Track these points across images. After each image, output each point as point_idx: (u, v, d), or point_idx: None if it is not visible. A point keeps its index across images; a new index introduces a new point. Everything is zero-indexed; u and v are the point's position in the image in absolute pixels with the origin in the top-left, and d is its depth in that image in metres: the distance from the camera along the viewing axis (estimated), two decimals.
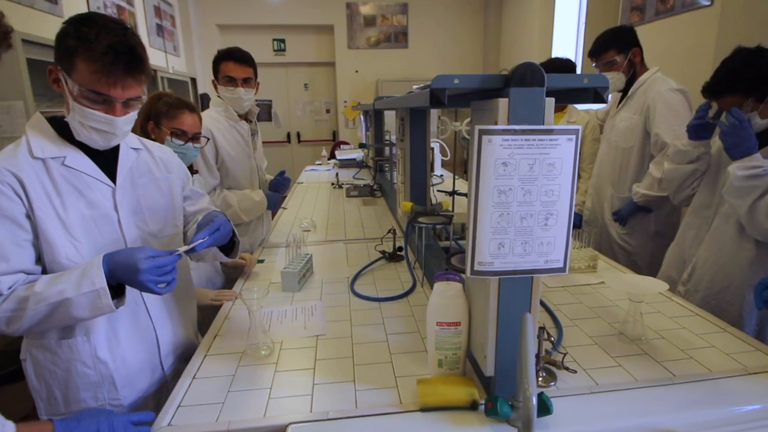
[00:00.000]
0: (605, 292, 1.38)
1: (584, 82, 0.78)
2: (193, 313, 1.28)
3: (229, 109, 1.86)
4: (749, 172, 1.27)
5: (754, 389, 0.91)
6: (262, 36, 6.44)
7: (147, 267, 0.87)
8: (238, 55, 1.83)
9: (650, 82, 1.93)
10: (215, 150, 1.82)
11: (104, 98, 0.92)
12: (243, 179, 1.92)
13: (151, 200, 1.09)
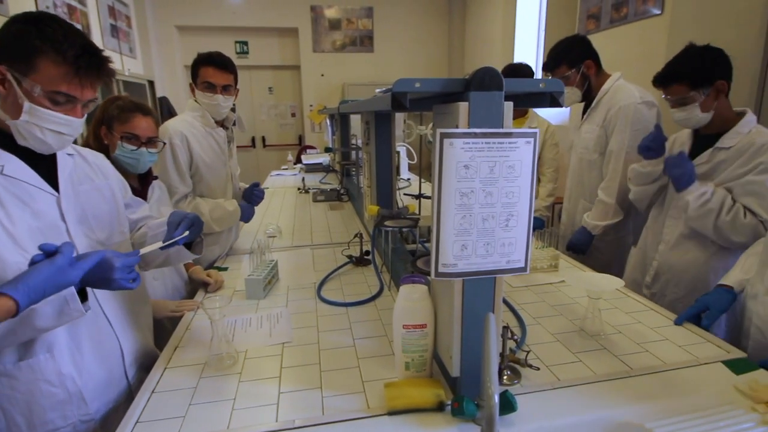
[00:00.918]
0: (566, 290, 1.43)
1: (540, 86, 0.80)
2: (149, 319, 1.24)
3: (206, 115, 1.80)
4: (701, 200, 1.39)
5: (704, 379, 0.96)
6: (223, 38, 6.31)
7: (120, 264, 0.87)
8: (219, 61, 1.76)
9: (613, 91, 1.87)
10: (189, 156, 1.75)
11: (68, 99, 0.89)
12: (217, 187, 1.86)
13: (95, 208, 1.05)
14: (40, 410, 0.94)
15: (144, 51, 5.57)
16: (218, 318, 1.01)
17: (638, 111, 1.76)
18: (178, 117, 1.82)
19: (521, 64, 2.57)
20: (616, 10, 3.32)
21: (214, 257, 1.84)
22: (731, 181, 1.41)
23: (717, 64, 1.42)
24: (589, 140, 1.94)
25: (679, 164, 1.38)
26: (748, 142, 1.38)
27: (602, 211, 1.91)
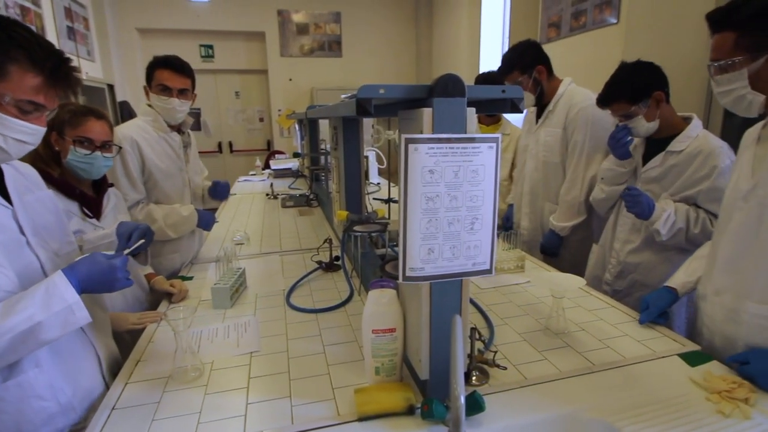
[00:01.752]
0: (532, 290, 1.46)
1: (501, 93, 0.82)
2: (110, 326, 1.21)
3: (158, 119, 1.74)
4: (669, 224, 1.45)
5: (662, 371, 1.00)
6: (187, 41, 6.17)
7: (120, 264, 0.91)
8: (176, 64, 1.71)
9: (569, 94, 1.94)
10: (141, 162, 1.69)
11: (36, 108, 0.86)
12: (173, 193, 1.81)
13: (44, 219, 1.01)
14: (31, 428, 0.91)
15: (103, 54, 5.37)
16: (182, 329, 0.98)
17: (596, 113, 1.83)
18: (130, 122, 1.77)
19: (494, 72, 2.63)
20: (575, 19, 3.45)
21: (175, 266, 1.79)
22: (692, 186, 1.48)
23: (650, 78, 1.50)
24: (552, 143, 1.98)
25: (635, 202, 1.44)
26: (697, 147, 1.46)
27: (568, 211, 1.96)
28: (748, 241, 1.04)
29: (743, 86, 0.99)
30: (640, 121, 1.51)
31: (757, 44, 0.96)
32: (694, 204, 1.48)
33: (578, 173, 1.92)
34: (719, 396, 0.90)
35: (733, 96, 1.01)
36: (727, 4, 1.02)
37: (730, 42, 0.99)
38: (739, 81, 0.99)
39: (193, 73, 1.78)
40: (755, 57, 0.96)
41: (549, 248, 2.03)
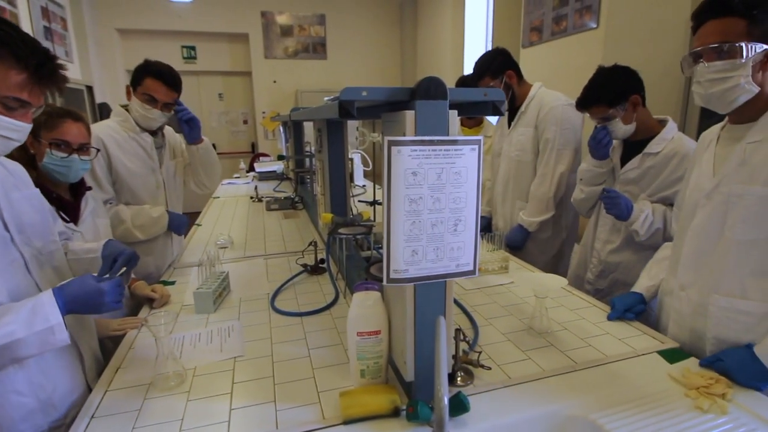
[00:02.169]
0: (516, 290, 1.48)
1: (483, 96, 0.83)
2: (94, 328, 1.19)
3: (129, 120, 1.71)
4: (647, 225, 1.49)
5: (642, 369, 1.02)
6: (169, 42, 6.09)
7: (110, 288, 0.91)
8: (169, 78, 1.67)
9: (540, 96, 2.02)
10: (108, 162, 1.66)
11: (21, 105, 0.87)
12: (144, 194, 1.77)
13: (29, 217, 1.01)
14: (9, 422, 0.91)
15: (82, 55, 5.26)
16: (163, 335, 0.97)
17: (566, 111, 1.93)
18: (101, 122, 1.75)
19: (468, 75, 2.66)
20: (556, 23, 3.51)
21: (149, 270, 1.77)
22: (668, 186, 1.52)
23: (627, 81, 1.54)
24: (524, 142, 2.06)
25: (613, 204, 1.47)
26: (673, 149, 1.50)
27: (537, 206, 2.01)
28: (713, 236, 1.07)
29: (744, 75, 0.97)
30: (618, 123, 1.54)
31: (765, 36, 0.95)
32: (670, 204, 1.51)
33: (548, 169, 1.98)
34: (697, 392, 0.92)
35: (728, 84, 0.99)
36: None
37: (740, 28, 0.96)
38: (741, 69, 0.97)
39: (182, 87, 1.75)
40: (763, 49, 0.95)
41: (514, 243, 2.07)
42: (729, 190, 1.04)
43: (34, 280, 0.96)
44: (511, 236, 2.07)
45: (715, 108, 1.06)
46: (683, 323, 1.16)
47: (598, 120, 1.57)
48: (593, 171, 1.69)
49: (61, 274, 1.07)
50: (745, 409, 0.87)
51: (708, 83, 1.03)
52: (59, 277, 1.05)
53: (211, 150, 1.96)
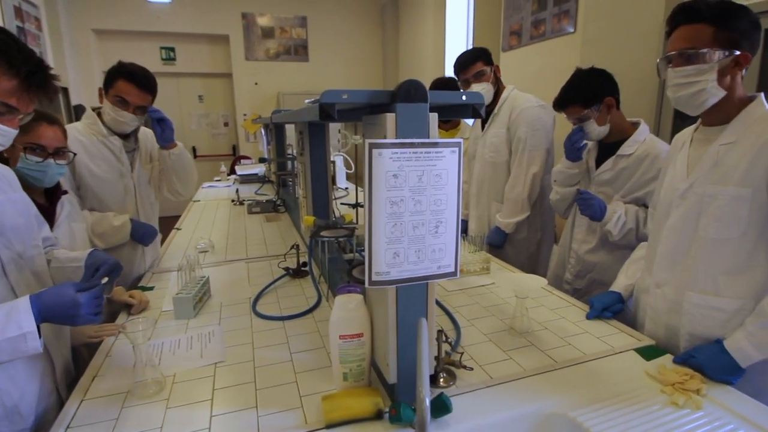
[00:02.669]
0: (497, 291, 1.50)
1: (463, 98, 0.84)
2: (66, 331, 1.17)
3: (97, 123, 1.65)
4: (620, 225, 1.52)
5: (619, 366, 1.05)
6: (147, 43, 5.99)
7: (86, 300, 0.88)
8: (141, 80, 1.60)
9: (512, 98, 2.06)
10: (71, 166, 1.59)
11: (9, 110, 0.87)
12: (110, 200, 1.71)
13: (12, 220, 0.99)
14: None
15: (57, 56, 5.12)
16: (141, 341, 0.95)
17: (537, 112, 1.98)
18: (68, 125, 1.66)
19: (448, 77, 2.69)
20: (535, 27, 3.57)
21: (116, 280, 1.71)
22: (641, 187, 1.55)
23: (602, 84, 1.58)
24: (498, 143, 2.09)
25: (587, 205, 1.51)
26: (645, 150, 1.54)
27: (512, 207, 2.05)
28: (688, 235, 1.10)
29: (711, 79, 1.01)
30: (592, 124, 1.58)
31: (731, 41, 1.00)
32: (643, 205, 1.56)
33: (521, 170, 2.01)
34: (673, 388, 0.94)
35: (694, 89, 1.03)
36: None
37: (707, 34, 1.01)
38: (708, 74, 1.01)
39: (156, 89, 1.68)
40: (729, 54, 1.00)
41: (493, 245, 2.10)
42: (702, 190, 1.07)
43: (10, 284, 0.94)
44: (490, 238, 2.10)
45: (685, 110, 1.10)
46: (659, 320, 1.19)
47: (573, 120, 1.61)
48: (566, 172, 1.73)
49: (42, 281, 1.05)
50: (719, 404, 0.90)
51: (676, 87, 1.07)
52: (39, 283, 1.03)
53: (185, 155, 1.88)
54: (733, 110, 1.05)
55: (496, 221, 2.11)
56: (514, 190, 2.03)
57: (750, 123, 1.03)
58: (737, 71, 1.03)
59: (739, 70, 1.03)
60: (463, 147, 2.59)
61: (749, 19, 1.01)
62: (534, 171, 2.00)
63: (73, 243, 1.36)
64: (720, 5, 1.01)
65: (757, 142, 0.99)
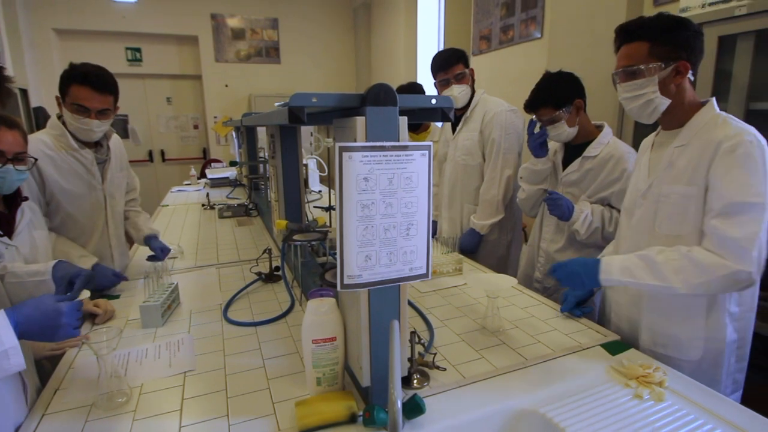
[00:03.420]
0: (470, 291, 1.52)
1: (432, 102, 0.85)
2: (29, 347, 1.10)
3: (65, 136, 1.54)
4: (586, 224, 1.57)
5: (587, 362, 1.08)
6: (112, 44, 5.80)
7: (68, 310, 0.85)
8: (96, 81, 1.47)
9: (483, 101, 2.10)
10: (41, 182, 1.50)
11: None
12: (80, 215, 1.62)
13: None
14: None
15: (15, 56, 4.90)
16: (106, 352, 0.91)
17: (509, 116, 2.03)
18: (31, 136, 1.53)
19: (411, 83, 2.73)
20: (503, 32, 3.65)
21: None
22: (605, 188, 1.61)
23: (572, 86, 1.64)
24: (470, 146, 2.11)
25: (556, 206, 1.56)
26: (609, 152, 1.60)
27: (488, 210, 2.08)
28: (646, 232, 1.17)
29: (653, 91, 1.10)
30: (563, 126, 1.62)
31: (668, 54, 1.08)
32: (608, 204, 1.61)
33: (496, 173, 2.05)
34: (637, 381, 0.98)
35: (642, 100, 1.13)
36: (638, 18, 1.14)
37: (644, 51, 1.10)
38: (649, 86, 1.10)
39: (117, 87, 1.57)
40: (666, 65, 1.08)
41: (468, 247, 2.12)
42: (659, 190, 1.14)
43: None
44: (464, 240, 2.12)
45: (640, 119, 1.19)
46: (621, 313, 1.26)
47: (544, 122, 1.65)
48: (530, 169, 1.79)
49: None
50: (680, 395, 0.94)
51: (626, 100, 1.16)
52: None
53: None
54: (686, 115, 1.12)
55: (471, 223, 2.13)
56: (490, 192, 2.06)
57: (699, 127, 1.10)
58: (680, 79, 1.10)
59: (681, 78, 1.10)
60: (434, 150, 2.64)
61: (687, 31, 1.09)
62: (508, 173, 2.04)
63: (34, 252, 1.30)
64: (656, 22, 1.10)
65: (702, 144, 1.06)
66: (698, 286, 1.01)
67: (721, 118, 1.07)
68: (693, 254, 1.02)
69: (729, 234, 0.99)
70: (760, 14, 1.69)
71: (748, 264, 0.98)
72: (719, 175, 1.02)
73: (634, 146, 1.65)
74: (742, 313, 1.13)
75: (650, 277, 1.05)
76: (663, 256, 1.05)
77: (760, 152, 0.99)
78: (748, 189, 0.99)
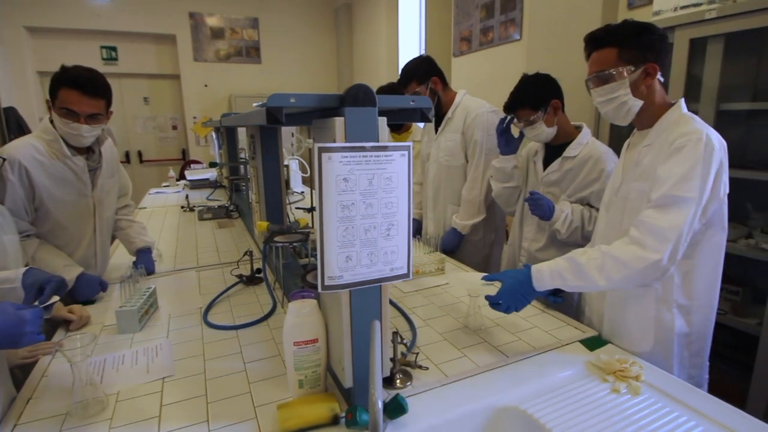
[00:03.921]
0: (452, 290, 1.53)
1: (411, 103, 0.86)
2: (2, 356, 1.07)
3: (58, 142, 1.49)
4: (567, 223, 1.59)
5: (566, 357, 1.10)
6: (86, 42, 5.66)
7: (31, 318, 0.84)
8: (87, 85, 1.42)
9: (465, 103, 2.10)
10: (30, 191, 1.45)
11: None
12: (69, 222, 1.58)
13: None
14: None
15: None
16: (80, 359, 0.89)
17: (491, 118, 2.04)
18: (22, 140, 1.50)
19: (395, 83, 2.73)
20: (484, 34, 3.68)
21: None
22: (585, 187, 1.64)
23: (548, 87, 1.67)
24: (452, 147, 2.13)
25: (537, 206, 1.58)
26: (588, 152, 1.64)
27: (469, 210, 2.09)
28: (616, 228, 1.21)
29: (625, 93, 1.15)
30: (541, 126, 1.65)
31: (636, 57, 1.13)
32: (587, 204, 1.64)
33: (478, 174, 2.07)
34: (614, 376, 1.00)
35: (616, 103, 1.17)
36: (605, 26, 1.19)
37: (613, 56, 1.15)
38: (621, 89, 1.15)
39: (109, 91, 1.51)
40: (636, 68, 1.13)
41: (449, 246, 2.13)
42: (627, 188, 1.19)
43: None
44: (446, 240, 2.13)
45: (615, 122, 1.22)
46: (593, 307, 1.30)
47: (523, 122, 1.68)
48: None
49: None
50: (656, 389, 0.96)
51: (600, 104, 1.20)
52: None
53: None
54: (656, 115, 1.17)
55: (452, 223, 2.14)
56: (472, 192, 2.07)
57: (665, 126, 1.14)
58: (650, 80, 1.14)
59: (651, 79, 1.15)
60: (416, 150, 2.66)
61: (652, 35, 1.13)
62: (490, 174, 2.05)
63: (4, 257, 1.25)
64: (622, 28, 1.15)
65: (662, 143, 1.10)
66: (620, 281, 1.05)
67: (684, 119, 1.11)
68: (612, 251, 1.06)
69: (656, 223, 1.03)
70: (729, 18, 1.75)
71: (663, 251, 1.01)
72: (663, 170, 1.06)
73: (611, 146, 1.69)
74: (696, 307, 1.15)
75: (577, 279, 1.09)
76: (585, 256, 1.09)
77: (705, 152, 1.02)
78: (685, 184, 1.02)
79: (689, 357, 1.19)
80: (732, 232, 1.76)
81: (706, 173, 1.02)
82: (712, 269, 1.14)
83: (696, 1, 1.89)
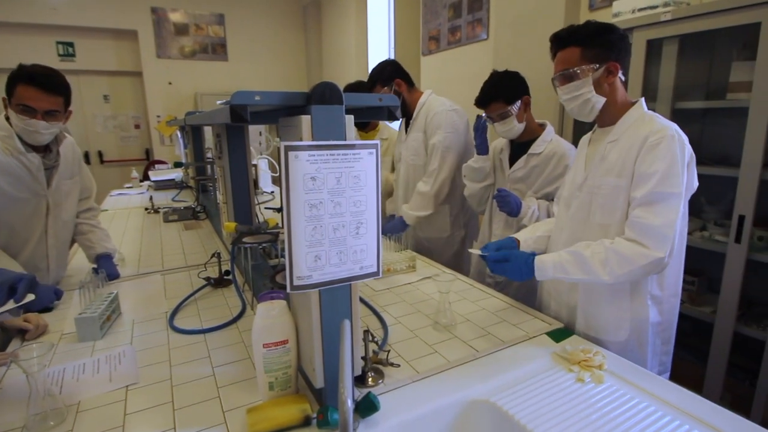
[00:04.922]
0: (423, 288, 1.54)
1: (378, 101, 0.86)
2: None
3: (12, 138, 1.45)
4: (533, 221, 1.63)
5: (534, 350, 1.13)
6: (41, 37, 5.38)
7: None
8: (44, 81, 1.41)
9: (429, 103, 2.13)
10: None
11: None
12: (18, 222, 1.52)
13: None
14: None
15: None
16: (37, 370, 0.85)
17: (450, 116, 2.07)
18: None
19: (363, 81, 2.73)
20: (452, 33, 3.73)
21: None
22: (550, 183, 1.69)
23: (519, 83, 1.72)
24: (416, 146, 2.16)
25: (505, 202, 1.62)
26: (552, 149, 1.69)
27: (420, 202, 2.11)
28: (582, 222, 1.25)
29: (589, 91, 1.19)
30: (513, 121, 1.69)
31: (598, 56, 1.17)
32: (552, 199, 1.69)
33: (433, 169, 2.09)
34: (579, 366, 1.03)
35: (580, 101, 1.21)
36: (569, 27, 1.23)
37: (576, 55, 1.19)
38: (585, 87, 1.19)
39: (68, 89, 1.49)
40: (599, 66, 1.17)
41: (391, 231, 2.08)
42: (593, 182, 1.22)
43: None
44: (388, 227, 2.14)
45: (580, 118, 1.27)
46: (561, 300, 1.33)
47: (495, 117, 1.71)
48: (470, 167, 1.85)
49: None
50: (618, 377, 1.00)
51: (566, 102, 1.25)
52: None
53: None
54: (618, 113, 1.21)
55: (401, 210, 2.16)
56: (424, 187, 2.10)
57: (629, 124, 1.19)
58: (612, 78, 1.20)
59: (613, 77, 1.20)
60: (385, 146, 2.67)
61: (613, 34, 1.18)
62: (445, 172, 2.06)
63: None
64: (584, 29, 1.20)
65: (631, 140, 1.15)
66: (623, 275, 1.10)
67: (648, 116, 1.17)
68: (616, 246, 1.11)
69: (650, 222, 1.08)
70: (682, 20, 1.83)
71: (665, 249, 1.07)
72: (643, 167, 1.11)
73: (575, 143, 1.74)
74: (666, 297, 1.22)
75: (581, 272, 1.13)
76: (590, 250, 1.13)
77: (680, 147, 1.09)
78: (668, 180, 1.07)
79: (660, 344, 1.24)
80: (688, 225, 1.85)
81: (683, 167, 1.08)
82: (679, 260, 1.21)
83: (652, 4, 1.97)
